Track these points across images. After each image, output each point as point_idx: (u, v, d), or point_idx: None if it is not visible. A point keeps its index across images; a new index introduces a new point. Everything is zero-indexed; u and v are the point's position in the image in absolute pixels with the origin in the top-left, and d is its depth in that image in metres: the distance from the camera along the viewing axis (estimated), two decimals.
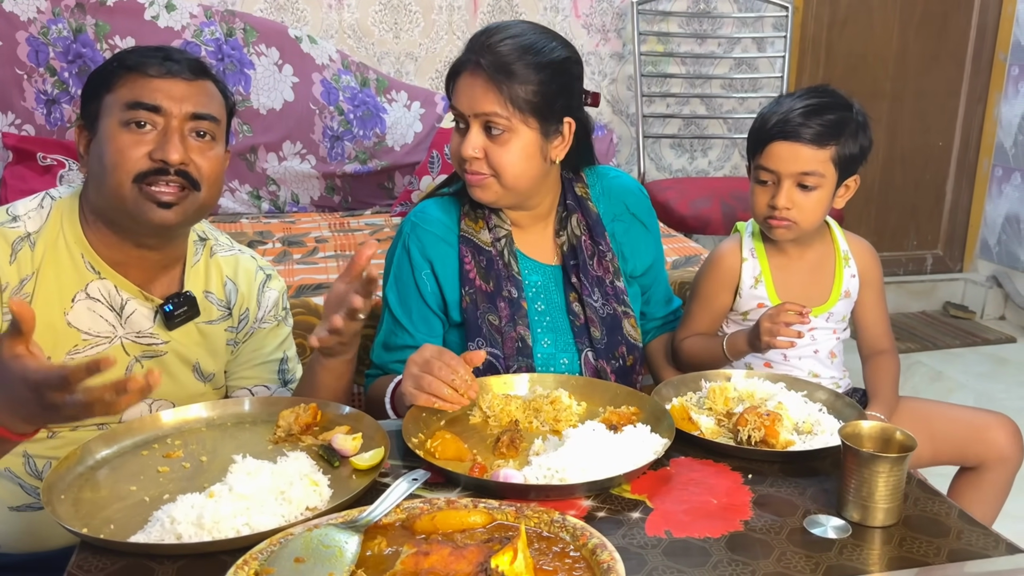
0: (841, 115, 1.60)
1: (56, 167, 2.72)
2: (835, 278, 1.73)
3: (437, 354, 1.30)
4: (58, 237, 1.34)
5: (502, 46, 1.45)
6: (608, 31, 3.56)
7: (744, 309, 1.72)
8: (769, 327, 1.53)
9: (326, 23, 3.23)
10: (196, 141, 1.33)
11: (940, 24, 3.97)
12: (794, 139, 1.58)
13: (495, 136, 1.46)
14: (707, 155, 3.84)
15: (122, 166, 1.28)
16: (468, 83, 1.47)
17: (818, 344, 1.73)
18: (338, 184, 3.14)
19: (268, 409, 1.32)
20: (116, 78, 1.32)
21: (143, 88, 1.30)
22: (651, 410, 1.32)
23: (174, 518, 1.00)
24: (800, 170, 1.59)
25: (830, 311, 1.72)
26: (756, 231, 1.75)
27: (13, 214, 1.34)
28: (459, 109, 1.48)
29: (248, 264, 1.53)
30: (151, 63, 1.32)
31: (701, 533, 1.05)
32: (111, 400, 0.97)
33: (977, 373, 3.46)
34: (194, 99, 1.33)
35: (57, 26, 2.81)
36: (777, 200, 1.61)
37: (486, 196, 1.52)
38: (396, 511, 1.03)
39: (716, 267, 1.74)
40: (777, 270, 1.71)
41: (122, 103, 1.30)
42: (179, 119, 1.31)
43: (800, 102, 1.60)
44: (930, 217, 4.23)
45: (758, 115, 1.66)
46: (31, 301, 1.30)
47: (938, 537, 1.06)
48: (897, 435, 1.13)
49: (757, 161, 1.64)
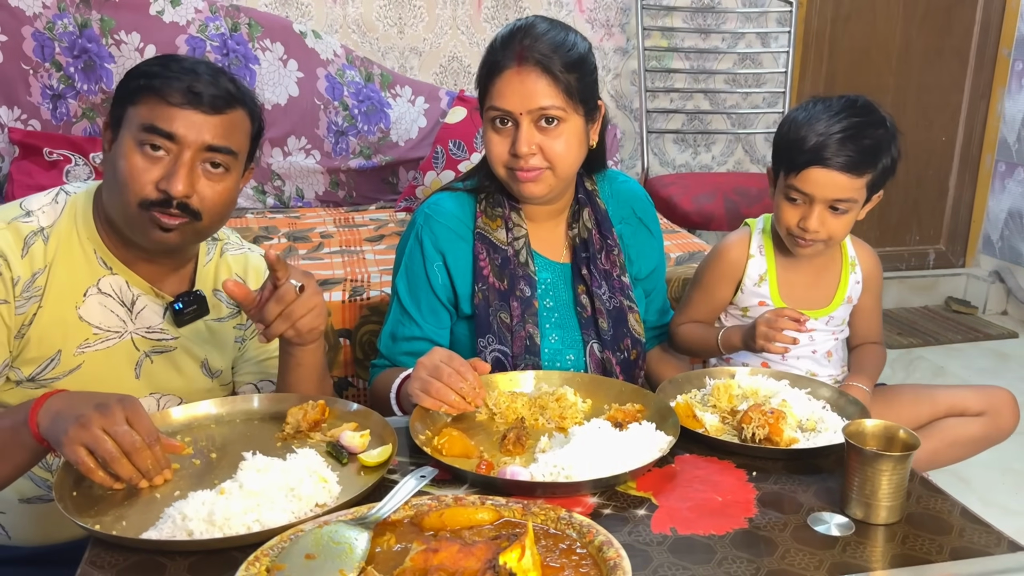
0: (877, 137, 1.56)
1: (62, 162, 2.73)
2: (840, 283, 1.74)
3: (447, 359, 1.31)
4: (71, 232, 1.35)
5: (544, 41, 1.46)
6: (612, 26, 3.56)
7: (744, 304, 1.73)
8: (765, 331, 1.54)
9: (330, 18, 3.23)
10: (208, 172, 1.31)
11: (944, 19, 3.97)
12: (831, 167, 1.55)
13: (549, 128, 1.47)
14: (710, 150, 3.85)
15: (131, 188, 1.28)
16: (517, 81, 1.46)
17: (816, 345, 1.74)
18: (342, 179, 3.15)
19: (276, 406, 1.33)
20: (140, 94, 1.30)
21: (161, 114, 1.28)
22: (656, 407, 1.33)
23: (185, 515, 1.01)
24: (835, 197, 1.57)
25: (831, 315, 1.73)
26: (767, 228, 1.75)
27: (27, 209, 1.35)
28: (505, 108, 1.47)
29: (257, 262, 1.55)
30: (174, 90, 1.28)
31: (706, 530, 1.06)
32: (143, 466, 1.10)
33: (979, 368, 3.47)
34: (212, 131, 1.30)
35: (63, 21, 2.81)
36: (808, 223, 1.59)
37: (538, 190, 1.52)
38: (404, 508, 1.04)
39: (721, 259, 1.75)
40: (783, 270, 1.72)
41: (140, 122, 1.29)
42: (193, 150, 1.29)
43: (836, 124, 1.55)
44: (932, 212, 4.23)
45: (790, 124, 1.61)
46: (43, 295, 1.32)
47: (940, 535, 1.07)
48: (900, 434, 1.14)
49: (790, 181, 1.60)
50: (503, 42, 1.49)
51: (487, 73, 1.50)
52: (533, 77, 1.45)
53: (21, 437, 1.15)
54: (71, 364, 1.34)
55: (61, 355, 1.34)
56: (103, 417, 1.08)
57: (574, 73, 1.47)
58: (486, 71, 1.51)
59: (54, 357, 1.33)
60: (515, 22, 1.53)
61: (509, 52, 1.47)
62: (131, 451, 1.09)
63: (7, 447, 1.17)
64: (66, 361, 1.34)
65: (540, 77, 1.45)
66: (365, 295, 2.18)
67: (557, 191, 1.56)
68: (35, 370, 1.33)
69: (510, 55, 1.47)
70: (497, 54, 1.49)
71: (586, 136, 1.54)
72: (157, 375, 1.42)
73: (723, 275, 1.74)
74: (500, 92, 1.47)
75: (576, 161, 1.53)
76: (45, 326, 1.32)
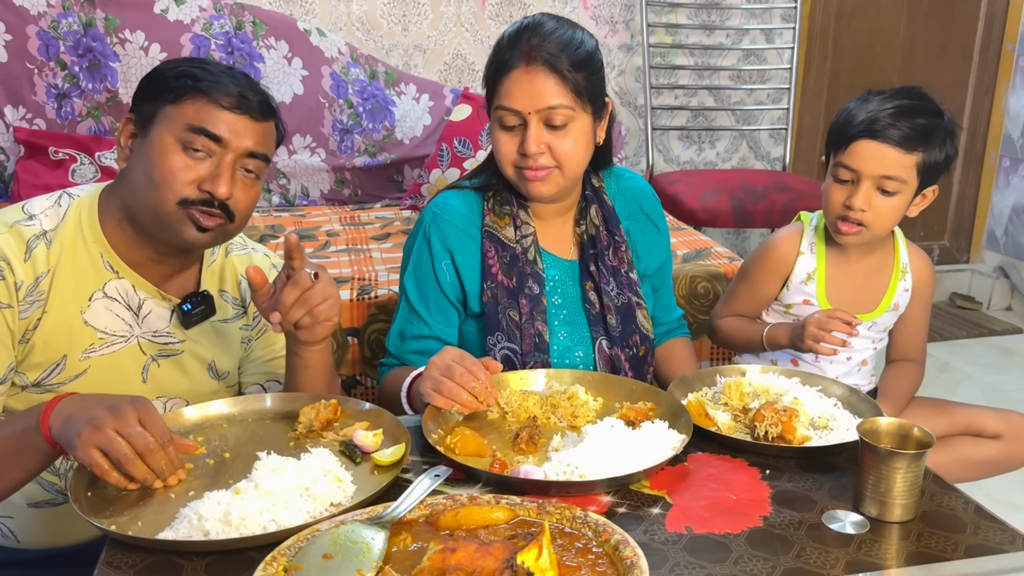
0: (932, 121, 1.54)
1: (68, 161, 2.73)
2: (888, 289, 1.71)
3: (459, 358, 1.31)
4: (76, 236, 1.34)
5: (552, 40, 1.46)
6: (616, 22, 3.55)
7: (789, 301, 1.71)
8: (815, 332, 1.52)
9: (335, 16, 3.23)
10: (244, 176, 1.33)
11: (948, 14, 3.97)
12: (881, 139, 1.53)
13: (558, 128, 1.47)
14: (715, 147, 3.84)
15: (171, 186, 1.28)
16: (526, 80, 1.45)
17: (852, 351, 1.71)
18: (348, 177, 3.15)
19: (289, 405, 1.33)
20: (185, 94, 1.30)
21: (210, 115, 1.29)
22: (668, 406, 1.33)
23: (201, 515, 1.01)
24: (883, 172, 1.54)
25: (875, 321, 1.70)
26: (820, 225, 1.72)
27: (29, 212, 1.34)
28: (514, 108, 1.47)
29: (262, 262, 1.54)
30: (225, 94, 1.30)
31: (721, 529, 1.06)
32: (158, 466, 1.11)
33: (984, 364, 3.47)
34: (255, 138, 1.32)
35: (67, 20, 2.81)
36: (854, 200, 1.56)
37: (546, 189, 1.52)
38: (420, 507, 1.04)
39: (771, 254, 1.72)
40: (832, 269, 1.69)
41: (186, 122, 1.29)
42: (236, 154, 1.31)
43: (890, 102, 1.54)
44: (937, 208, 4.22)
45: (843, 110, 1.60)
46: (47, 299, 1.31)
47: (955, 532, 1.07)
48: (915, 431, 1.14)
49: (838, 158, 1.58)
50: (511, 41, 1.49)
51: (495, 72, 1.50)
52: (542, 76, 1.45)
53: (33, 441, 1.15)
54: (77, 369, 1.34)
55: (67, 360, 1.33)
56: (116, 419, 1.08)
57: (582, 71, 1.47)
58: (494, 70, 1.50)
59: (59, 362, 1.33)
60: (522, 20, 1.52)
61: (517, 51, 1.47)
62: (144, 452, 1.09)
63: (19, 452, 1.17)
64: (71, 366, 1.34)
65: (548, 76, 1.45)
66: (373, 294, 2.18)
67: (565, 189, 1.56)
68: (40, 375, 1.32)
69: (518, 54, 1.46)
70: (505, 53, 1.49)
71: (593, 134, 1.54)
72: (164, 379, 1.42)
73: (771, 270, 1.71)
74: (508, 91, 1.47)
75: (584, 159, 1.53)
76: (50, 331, 1.31)
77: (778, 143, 3.90)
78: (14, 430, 1.17)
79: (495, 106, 1.50)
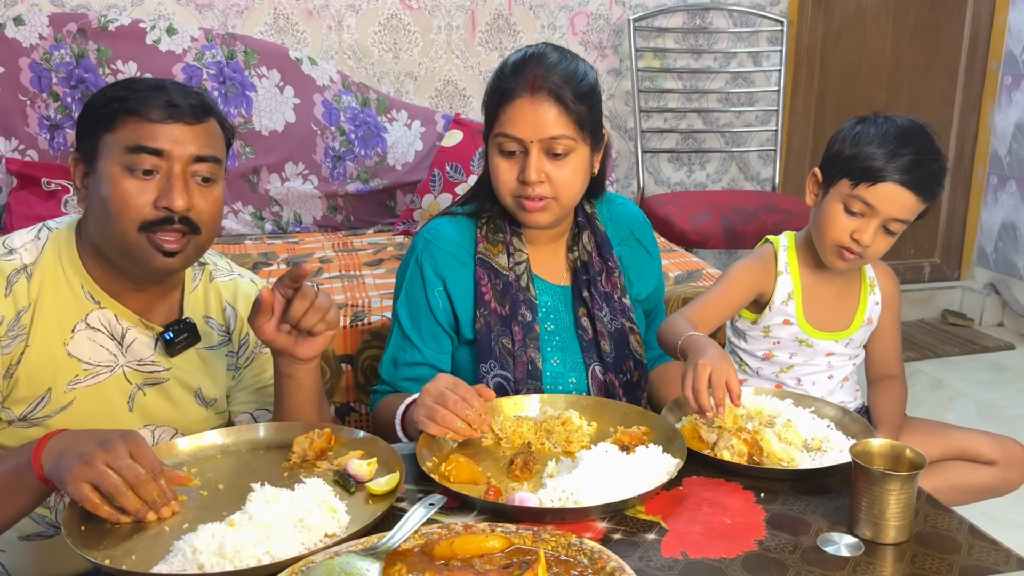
0: (942, 168, 1.58)
1: (61, 192, 2.73)
2: (860, 304, 1.73)
3: (452, 386, 1.31)
4: (56, 268, 1.34)
5: (557, 71, 1.47)
6: (605, 48, 3.59)
7: (768, 324, 1.71)
8: (692, 385, 1.34)
9: (326, 44, 3.25)
10: (199, 184, 1.32)
11: (933, 35, 4.01)
12: (909, 187, 1.54)
13: (558, 158, 1.48)
14: (705, 168, 3.87)
15: (127, 214, 1.27)
16: (530, 110, 1.46)
17: (834, 371, 1.73)
18: (340, 204, 3.16)
19: (282, 435, 1.33)
20: (117, 119, 1.29)
21: (144, 132, 1.28)
22: (662, 430, 1.33)
23: (196, 548, 1.01)
24: (898, 216, 1.56)
25: (851, 337, 1.71)
26: (792, 245, 1.73)
27: (9, 247, 1.34)
28: (516, 136, 1.48)
29: (248, 289, 1.53)
30: (153, 107, 1.28)
31: (716, 553, 1.06)
32: (151, 498, 1.10)
33: (977, 381, 3.48)
34: (197, 141, 1.31)
35: (59, 52, 2.83)
36: (863, 236, 1.56)
37: (543, 219, 1.53)
38: (414, 537, 1.04)
39: (755, 265, 1.71)
40: (808, 289, 1.70)
41: (123, 146, 1.28)
42: (182, 163, 1.29)
43: (912, 146, 1.55)
44: (927, 225, 4.25)
45: (851, 137, 1.59)
46: (30, 333, 1.30)
47: (950, 553, 1.07)
48: (907, 453, 1.14)
49: (856, 191, 1.56)
50: (515, 69, 1.50)
51: (498, 99, 1.50)
52: (546, 107, 1.46)
53: (25, 479, 1.15)
54: (62, 401, 1.33)
55: (51, 393, 1.32)
56: (106, 453, 1.08)
57: (585, 103, 1.48)
58: (496, 97, 1.51)
59: (44, 395, 1.32)
60: (526, 50, 1.53)
61: (521, 80, 1.48)
62: (135, 483, 1.09)
63: (11, 490, 1.17)
64: (57, 399, 1.33)
65: (553, 107, 1.46)
66: (366, 320, 2.18)
67: (560, 218, 1.57)
68: (26, 409, 1.32)
69: (523, 83, 1.47)
70: (508, 81, 1.49)
71: (591, 164, 1.56)
72: (150, 407, 1.41)
73: (754, 278, 1.69)
74: (511, 119, 1.48)
75: (581, 190, 1.55)
76: (33, 365, 1.31)
77: (767, 164, 3.93)
78: (6, 468, 1.16)
79: (496, 132, 1.51)
